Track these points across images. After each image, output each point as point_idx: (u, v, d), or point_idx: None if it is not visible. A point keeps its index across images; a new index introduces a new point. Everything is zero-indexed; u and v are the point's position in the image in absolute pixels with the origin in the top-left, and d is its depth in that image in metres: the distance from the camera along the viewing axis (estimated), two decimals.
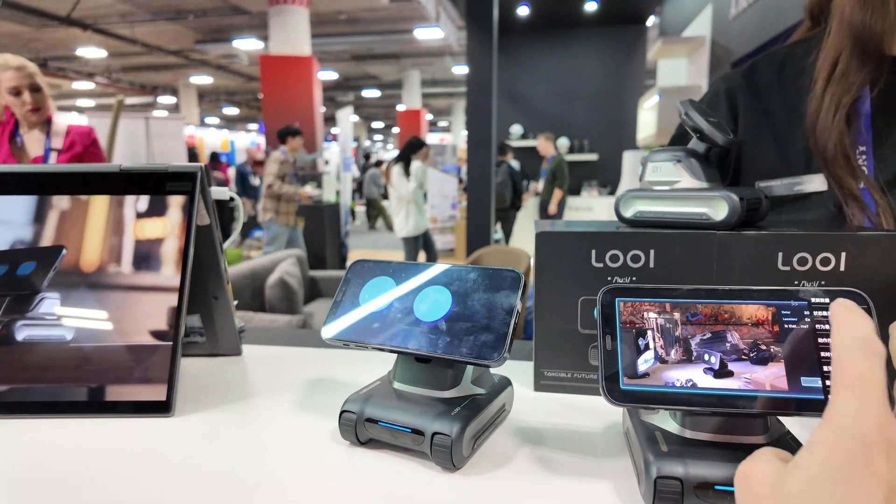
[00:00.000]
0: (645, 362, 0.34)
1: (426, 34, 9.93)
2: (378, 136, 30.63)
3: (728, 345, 0.34)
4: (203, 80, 14.98)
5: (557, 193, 5.87)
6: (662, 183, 0.55)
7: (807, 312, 0.34)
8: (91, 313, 0.49)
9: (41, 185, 0.52)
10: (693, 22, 4.60)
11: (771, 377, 0.33)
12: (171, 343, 0.48)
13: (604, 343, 0.35)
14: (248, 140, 17.99)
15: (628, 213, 0.56)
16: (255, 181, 8.29)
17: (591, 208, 7.17)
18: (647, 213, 0.55)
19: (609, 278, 0.51)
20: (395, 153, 5.01)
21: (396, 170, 4.57)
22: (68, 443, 0.42)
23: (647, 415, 0.39)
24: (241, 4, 9.71)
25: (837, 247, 0.48)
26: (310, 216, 5.89)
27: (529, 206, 6.75)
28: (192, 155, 6.97)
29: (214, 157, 10.40)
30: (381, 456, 0.41)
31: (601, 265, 0.51)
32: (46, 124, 2.10)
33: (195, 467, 0.39)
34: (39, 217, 0.51)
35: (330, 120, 16.98)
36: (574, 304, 0.52)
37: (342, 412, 0.42)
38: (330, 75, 14.62)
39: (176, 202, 0.53)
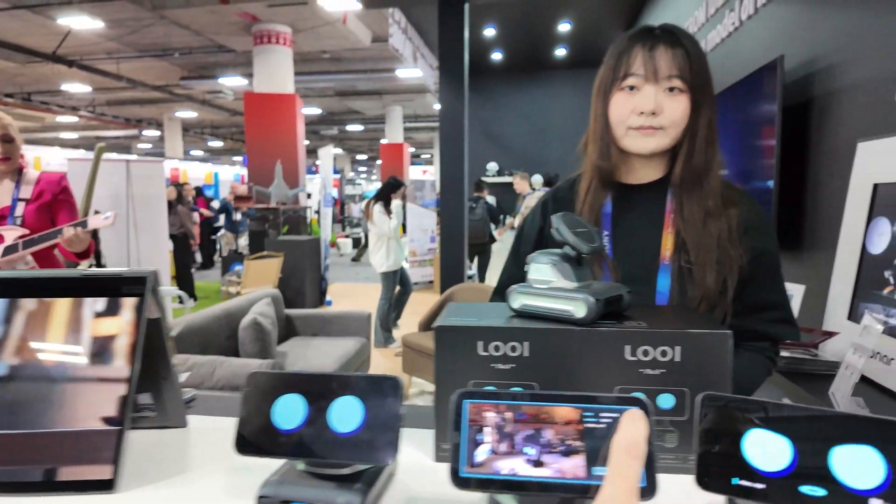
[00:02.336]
0: (481, 454, 0.44)
1: (407, 73, 10.23)
2: (362, 168, 30.95)
3: (544, 439, 0.44)
4: (188, 114, 15.15)
5: None
6: (541, 282, 0.66)
7: (604, 414, 0.45)
8: (50, 403, 0.57)
9: (13, 289, 0.61)
10: None
11: (573, 467, 0.43)
12: (118, 428, 0.57)
13: (452, 437, 0.45)
14: (232, 173, 18.06)
15: (515, 304, 0.67)
16: (237, 216, 8.36)
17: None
18: (529, 306, 0.66)
19: (492, 364, 0.62)
20: (380, 185, 5.18)
21: (377, 208, 4.71)
22: None
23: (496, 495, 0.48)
24: (226, 44, 9.96)
25: (672, 342, 0.59)
26: (289, 251, 5.97)
27: (505, 239, 6.91)
28: (179, 193, 7.03)
29: (199, 191, 10.48)
30: None
31: (486, 353, 0.62)
32: (17, 174, 2.11)
33: None
34: (8, 317, 0.60)
35: (313, 153, 17.18)
36: (465, 386, 0.62)
37: (260, 498, 0.51)
38: (314, 110, 14.87)
39: (129, 302, 0.62)
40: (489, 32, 5.80)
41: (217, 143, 20.08)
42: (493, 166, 8.20)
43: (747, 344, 0.94)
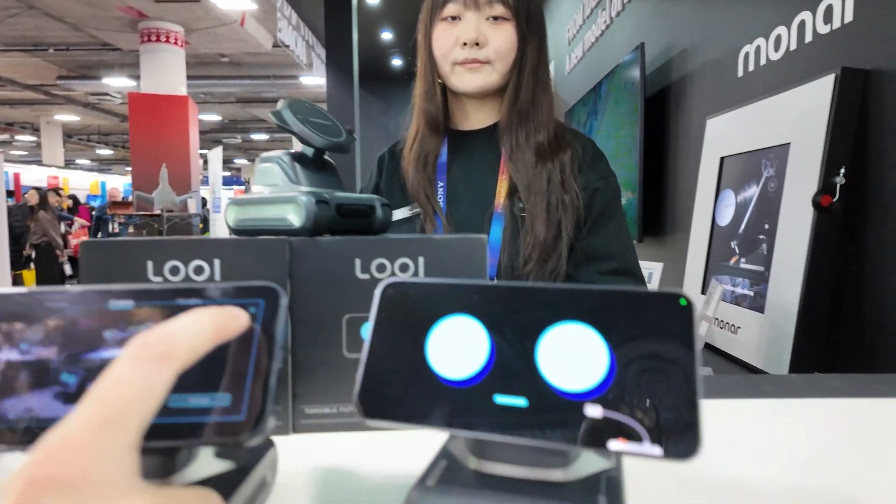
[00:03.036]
0: None
1: (312, 81, 9.94)
2: None
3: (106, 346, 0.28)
4: (69, 118, 13.81)
5: None
6: (266, 188, 0.51)
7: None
8: None
9: None
10: None
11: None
12: None
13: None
14: (123, 182, 16.71)
15: (231, 221, 0.51)
16: (114, 225, 7.62)
17: None
18: (245, 220, 0.50)
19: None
20: None
21: None
22: None
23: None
24: (110, 41, 9.16)
25: (415, 252, 0.46)
26: None
27: None
28: (42, 198, 6.29)
29: (75, 200, 9.49)
30: None
31: (159, 277, 0.45)
32: None
33: None
34: None
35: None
36: None
37: None
38: (213, 117, 14.09)
39: None
40: (386, 36, 5.71)
41: (106, 152, 18.47)
42: None
43: None
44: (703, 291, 1.53)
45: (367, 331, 0.30)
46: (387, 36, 5.72)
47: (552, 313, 0.26)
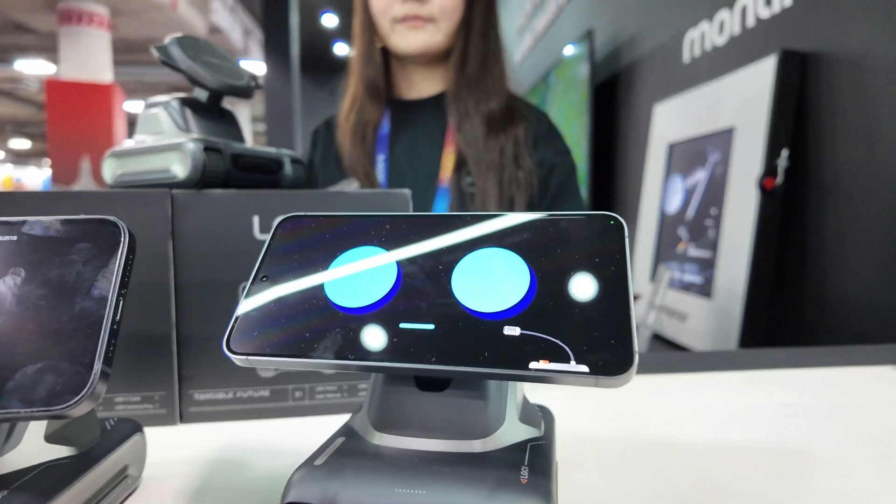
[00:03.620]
0: None
1: (249, 67, 9.54)
2: None
3: None
4: None
5: None
6: (150, 136, 0.41)
7: None
8: None
9: None
10: None
11: None
12: None
13: None
14: (40, 177, 15.58)
15: (108, 177, 0.41)
16: None
17: None
18: (125, 175, 0.40)
19: None
20: None
21: None
22: None
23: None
24: (24, 21, 8.44)
25: (329, 207, 0.37)
26: None
27: None
28: None
29: None
30: None
31: None
32: None
33: None
34: None
35: None
36: None
37: None
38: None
39: None
40: (330, 21, 5.51)
41: (23, 144, 17.12)
42: None
43: None
44: (652, 279, 1.52)
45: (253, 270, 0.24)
46: (330, 20, 5.53)
47: (471, 240, 0.23)
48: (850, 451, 0.31)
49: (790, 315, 1.13)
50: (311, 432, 0.35)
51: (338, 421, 0.37)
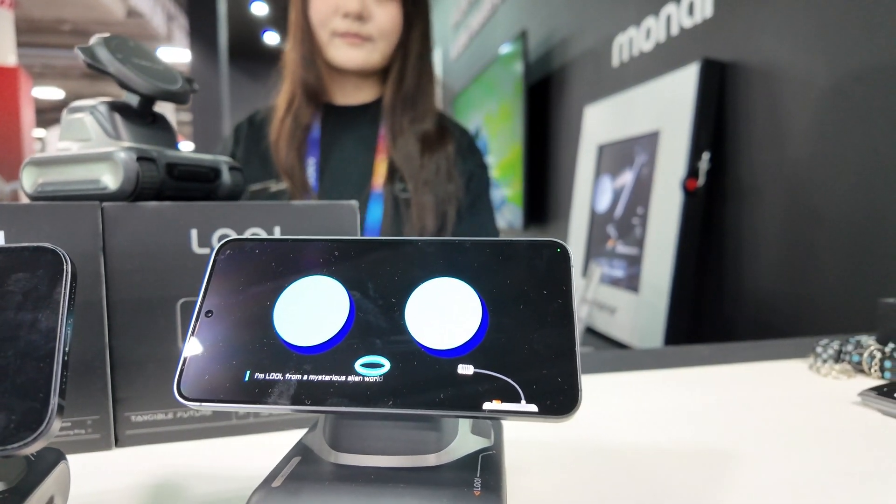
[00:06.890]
0: None
1: (172, 55, 9.05)
2: None
3: None
4: None
5: None
6: (76, 143, 0.38)
7: None
8: None
9: None
10: None
11: None
12: None
13: None
14: None
15: (28, 187, 0.38)
16: None
17: None
18: (47, 185, 0.37)
19: None
20: None
21: None
22: None
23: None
24: None
25: (270, 220, 0.37)
26: None
27: None
28: None
29: None
30: None
31: None
32: None
33: None
34: None
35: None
36: None
37: None
38: (55, 92, 12.30)
39: None
40: (259, 8, 5.31)
41: None
42: None
43: None
44: (584, 275, 1.58)
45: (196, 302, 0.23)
46: (260, 8, 5.33)
47: (422, 269, 0.23)
48: (769, 446, 0.34)
49: (711, 308, 1.21)
50: (258, 451, 0.34)
51: (284, 438, 0.37)
